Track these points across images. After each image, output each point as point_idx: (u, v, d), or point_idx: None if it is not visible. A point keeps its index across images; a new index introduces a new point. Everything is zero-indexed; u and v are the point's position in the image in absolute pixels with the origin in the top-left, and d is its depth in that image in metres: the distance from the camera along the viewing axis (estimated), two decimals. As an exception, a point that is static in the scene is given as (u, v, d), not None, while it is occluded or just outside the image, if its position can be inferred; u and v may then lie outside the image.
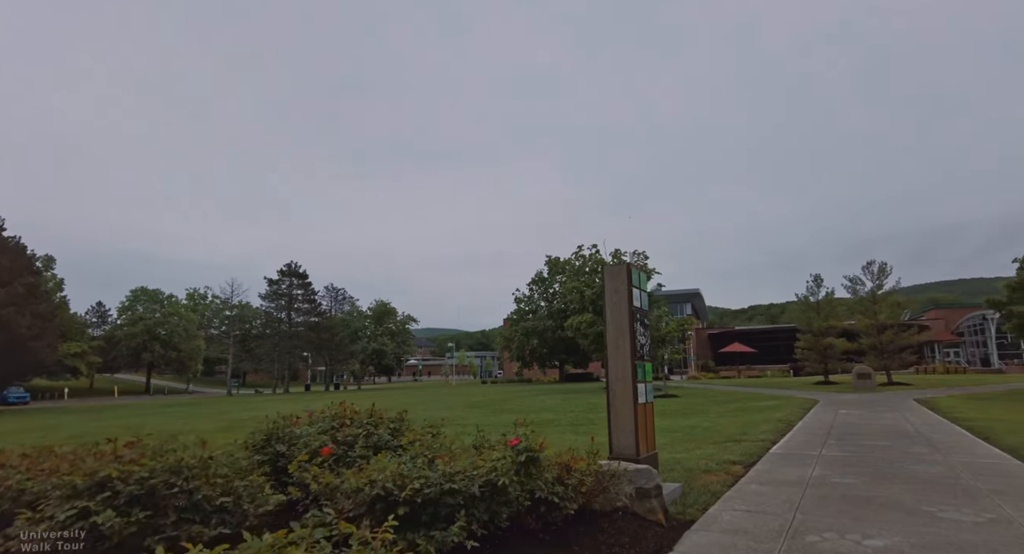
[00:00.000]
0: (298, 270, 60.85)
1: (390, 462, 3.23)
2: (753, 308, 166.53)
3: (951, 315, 62.99)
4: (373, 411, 5.15)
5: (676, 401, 24.04)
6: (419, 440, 3.95)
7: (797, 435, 11.11)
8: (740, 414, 17.03)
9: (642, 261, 39.70)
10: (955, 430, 11.12)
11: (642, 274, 6.62)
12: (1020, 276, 21.92)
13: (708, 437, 11.49)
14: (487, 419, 19.00)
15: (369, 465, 3.30)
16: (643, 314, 6.48)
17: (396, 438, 4.66)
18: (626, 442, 5.92)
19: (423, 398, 35.01)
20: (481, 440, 4.45)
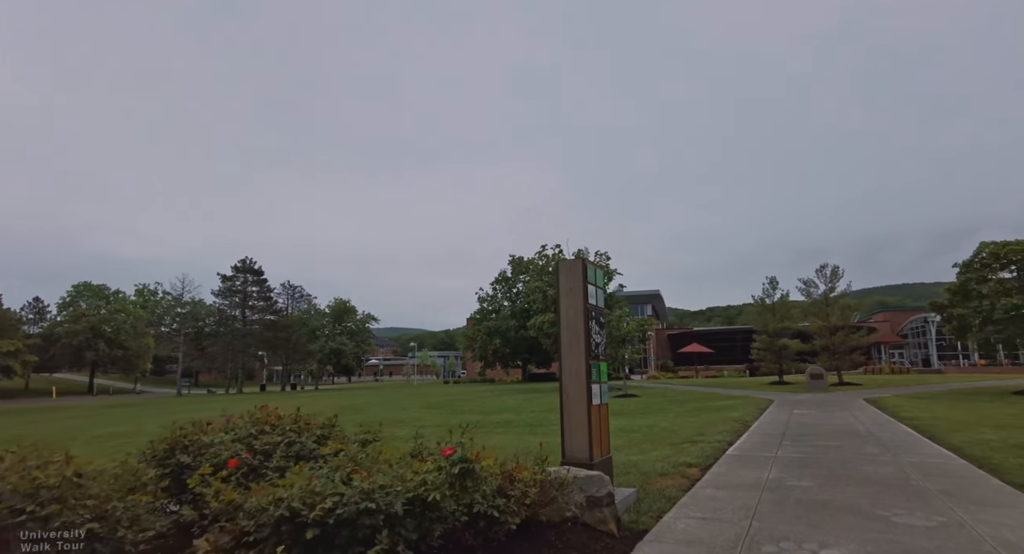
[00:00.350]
0: (253, 266, 58.79)
1: (300, 477, 2.83)
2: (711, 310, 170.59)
3: (896, 318, 65.76)
4: (299, 416, 4.68)
5: (636, 401, 24.11)
6: (343, 450, 3.52)
7: (753, 436, 11.10)
8: (698, 414, 17.10)
9: (604, 261, 39.90)
10: (903, 429, 11.33)
11: (598, 271, 6.35)
12: (960, 280, 22.83)
13: (666, 438, 11.38)
14: (444, 420, 18.56)
15: (281, 480, 2.88)
16: (599, 312, 6.21)
17: (324, 446, 4.22)
18: (579, 446, 5.63)
19: (380, 399, 34.21)
20: (420, 448, 4.07)
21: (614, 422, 16.10)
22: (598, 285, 6.29)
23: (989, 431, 10.77)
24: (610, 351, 29.53)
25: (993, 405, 16.98)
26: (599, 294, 6.30)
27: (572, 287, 5.92)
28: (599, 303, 6.27)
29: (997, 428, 11.21)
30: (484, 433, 14.45)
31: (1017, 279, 22.08)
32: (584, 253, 40.58)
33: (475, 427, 13.56)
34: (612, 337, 29.71)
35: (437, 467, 3.08)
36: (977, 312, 21.71)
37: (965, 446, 8.86)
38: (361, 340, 61.67)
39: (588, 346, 5.77)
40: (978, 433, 10.45)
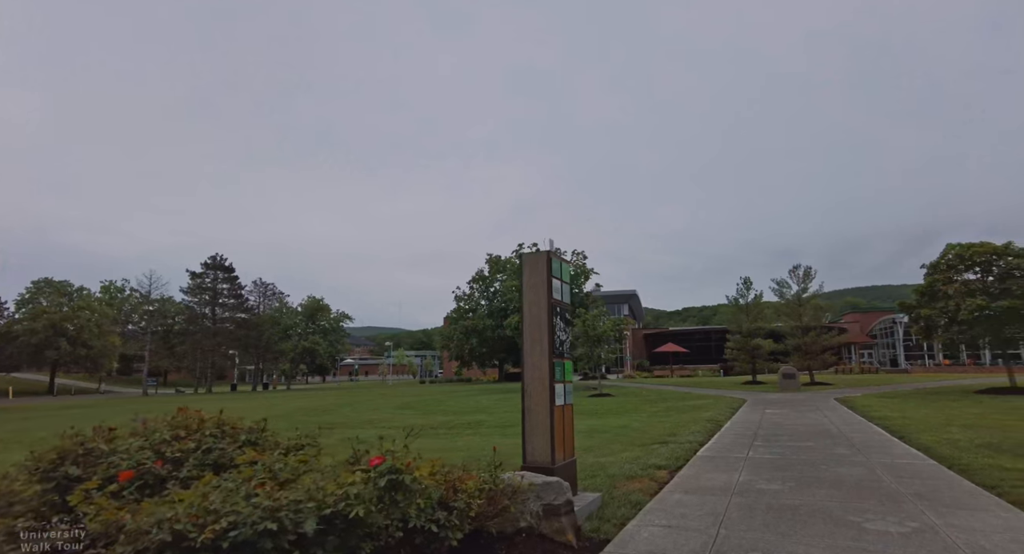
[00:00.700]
0: (223, 263, 57.28)
1: (195, 492, 2.43)
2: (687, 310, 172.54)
3: (866, 319, 67.15)
4: (223, 419, 4.25)
5: (610, 400, 23.97)
6: (262, 459, 3.10)
7: (725, 436, 10.94)
8: (671, 414, 16.98)
9: (581, 261, 39.89)
10: (873, 429, 11.28)
11: (565, 266, 6.04)
12: (927, 281, 23.18)
13: (637, 438, 11.16)
14: (414, 421, 18.12)
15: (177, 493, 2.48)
16: (565, 308, 5.90)
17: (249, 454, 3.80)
18: (541, 449, 5.30)
19: (353, 399, 33.52)
20: (358, 454, 3.68)
21: (586, 422, 15.92)
22: (564, 280, 5.97)
23: (957, 431, 10.78)
24: (585, 350, 29.38)
25: (958, 404, 17.20)
26: (565, 290, 5.98)
27: (536, 282, 5.59)
28: (565, 299, 5.96)
29: (964, 428, 11.24)
30: (453, 434, 14.12)
31: (981, 280, 22.50)
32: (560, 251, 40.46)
33: (446, 428, 13.20)
34: (588, 336, 29.56)
35: (365, 478, 2.72)
36: (943, 313, 22.05)
37: (934, 446, 8.80)
38: (335, 339, 60.56)
39: (552, 344, 5.45)
40: (946, 433, 10.45)
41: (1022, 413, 14.36)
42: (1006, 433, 10.30)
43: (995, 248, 21.73)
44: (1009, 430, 10.75)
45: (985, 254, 21.81)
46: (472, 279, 56.03)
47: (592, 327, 29.71)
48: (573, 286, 39.50)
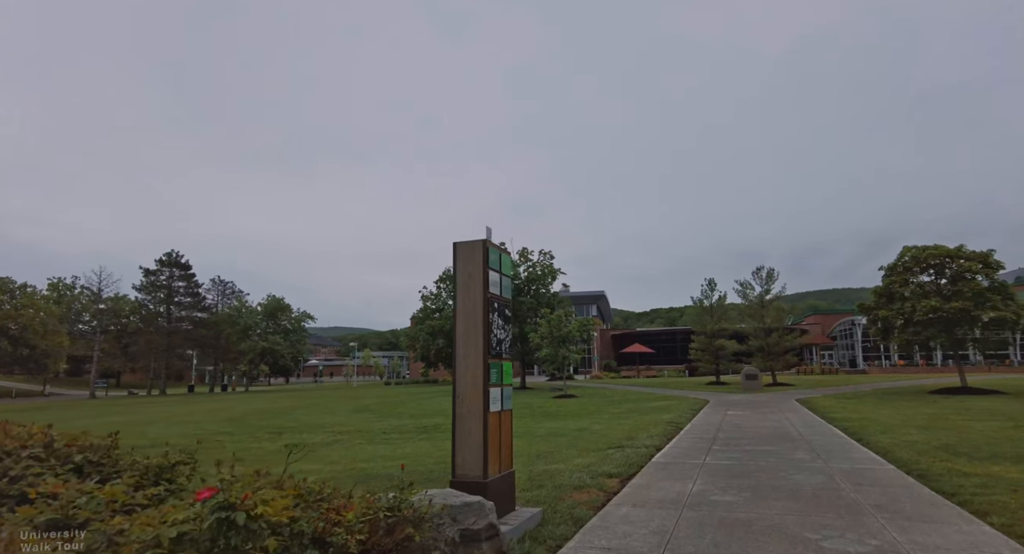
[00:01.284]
0: (179, 260, 54.96)
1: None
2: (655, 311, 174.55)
3: (827, 320, 68.77)
4: (50, 434, 3.55)
5: (574, 402, 23.61)
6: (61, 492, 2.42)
7: (683, 439, 10.58)
8: (632, 415, 16.66)
9: (548, 261, 39.48)
10: (833, 431, 11.09)
11: (505, 257, 5.49)
12: (885, 283, 23.53)
13: (594, 442, 10.72)
14: (367, 425, 17.36)
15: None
16: (503, 303, 5.35)
17: (86, 477, 3.12)
18: (472, 461, 4.74)
19: (311, 401, 32.39)
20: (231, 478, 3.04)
21: (547, 425, 15.46)
22: (504, 273, 5.43)
23: (914, 432, 10.67)
24: (551, 351, 28.98)
25: (914, 404, 17.36)
26: (505, 284, 5.44)
27: (470, 272, 5.03)
28: (505, 294, 5.42)
29: (921, 429, 11.16)
30: (405, 439, 13.45)
31: (935, 282, 22.94)
32: (529, 254, 40.07)
33: (399, 432, 12.41)
34: (553, 337, 29.18)
35: (195, 515, 2.10)
36: (900, 314, 22.39)
37: (893, 449, 8.58)
38: (296, 340, 58.80)
39: (487, 342, 4.90)
40: (904, 434, 10.31)
41: (973, 413, 14.49)
42: (960, 434, 10.22)
43: (948, 251, 22.15)
44: (963, 431, 10.70)
45: (939, 257, 22.22)
46: (439, 278, 55.10)
47: (558, 327, 29.35)
48: (541, 286, 39.11)
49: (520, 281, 38.97)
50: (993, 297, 21.16)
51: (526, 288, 38.92)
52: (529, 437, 12.17)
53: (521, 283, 38.87)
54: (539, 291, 39.29)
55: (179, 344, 55.04)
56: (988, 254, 21.86)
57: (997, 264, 21.70)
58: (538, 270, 39.02)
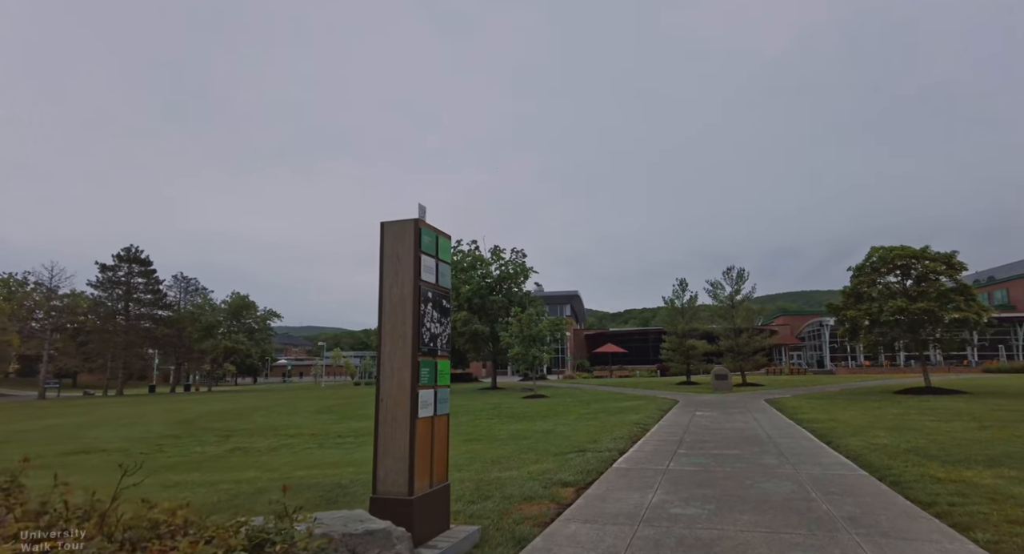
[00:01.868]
0: (139, 256, 52.75)
1: None
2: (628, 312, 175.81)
3: (795, 321, 69.82)
4: None
5: (543, 402, 23.09)
6: None
7: (648, 442, 10.09)
8: (600, 416, 16.19)
9: (520, 258, 38.90)
10: (802, 434, 10.74)
11: (443, 239, 4.85)
12: (853, 283, 23.59)
13: (557, 445, 10.15)
14: (326, 427, 16.53)
15: None
16: (440, 293, 4.72)
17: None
18: (395, 475, 4.09)
19: (273, 402, 31.21)
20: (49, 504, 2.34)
21: (511, 427, 14.84)
22: (442, 259, 4.79)
23: (883, 434, 10.38)
24: (521, 350, 28.42)
25: (880, 405, 17.28)
26: (444, 271, 4.80)
27: (399, 256, 4.38)
28: (443, 283, 4.78)
29: (889, 431, 10.89)
30: (360, 444, 12.66)
31: (900, 283, 23.08)
32: (501, 251, 39.41)
33: (355, 435, 11.58)
34: (524, 335, 28.63)
35: None
36: (867, 314, 22.45)
37: (863, 452, 8.21)
38: (261, 339, 57.06)
39: (418, 337, 4.26)
40: (873, 437, 10.00)
41: (938, 414, 14.39)
42: (929, 436, 9.96)
43: (914, 252, 22.28)
44: (931, 433, 10.45)
45: (905, 257, 22.34)
46: (411, 277, 54.24)
47: (528, 327, 28.81)
48: (513, 285, 38.49)
49: (492, 280, 38.32)
50: (956, 298, 21.34)
51: (498, 287, 38.29)
52: (490, 440, 11.56)
53: (493, 281, 38.23)
54: (511, 289, 38.69)
55: (138, 343, 52.85)
56: (951, 255, 22.06)
57: (960, 265, 21.91)
58: (510, 268, 38.40)
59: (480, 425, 14.94)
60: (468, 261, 38.09)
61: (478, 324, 35.38)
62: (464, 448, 10.46)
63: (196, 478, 8.69)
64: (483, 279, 37.37)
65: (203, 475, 9.00)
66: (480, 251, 39.04)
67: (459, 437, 12.31)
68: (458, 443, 11.25)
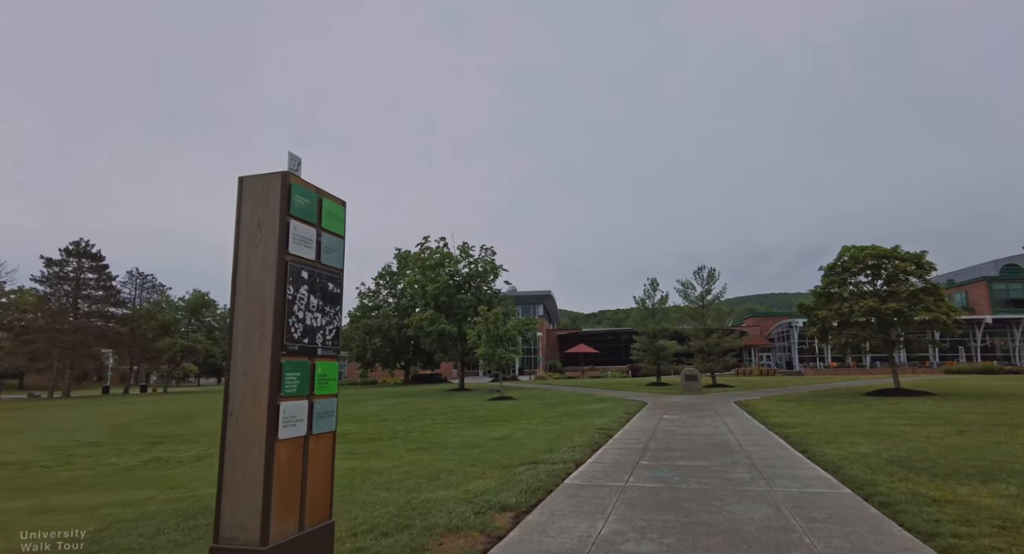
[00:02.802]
0: (89, 250, 49.95)
1: None
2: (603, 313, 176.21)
3: (765, 323, 70.36)
4: None
5: (508, 404, 22.10)
6: None
7: (610, 450, 9.16)
8: (564, 420, 15.26)
9: (490, 256, 37.80)
10: (774, 440, 9.94)
11: (330, 203, 3.75)
12: (824, 282, 23.22)
13: (509, 455, 9.15)
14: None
15: None
16: (323, 274, 3.63)
17: None
18: (245, 515, 3.01)
19: (211, 406, 29.51)
20: None
21: (466, 433, 13.72)
22: (328, 229, 3.70)
23: (860, 440, 9.65)
24: (487, 350, 27.37)
25: (851, 407, 16.76)
26: (328, 244, 3.71)
27: (260, 222, 3.29)
28: (328, 260, 3.70)
29: (866, 437, 10.19)
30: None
31: (871, 283, 22.77)
32: (469, 248, 38.27)
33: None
34: (490, 335, 27.57)
35: None
36: (838, 314, 22.07)
37: (843, 464, 7.40)
38: (222, 338, 54.67)
39: (281, 331, 3.18)
40: (850, 444, 9.25)
41: (912, 417, 13.86)
42: (909, 443, 9.26)
43: (885, 251, 21.98)
44: (910, 439, 9.77)
45: (876, 257, 22.02)
46: (378, 274, 52.62)
47: (495, 326, 27.77)
48: (482, 283, 37.41)
49: (460, 278, 37.16)
50: (926, 298, 21.09)
51: (466, 285, 37.17)
52: (438, 449, 10.49)
53: (461, 280, 37.08)
54: (480, 287, 37.59)
55: (88, 342, 50.08)
56: (921, 255, 21.82)
57: (929, 265, 21.67)
58: (479, 266, 37.28)
59: (434, 431, 13.86)
60: (436, 258, 36.82)
61: (445, 323, 34.17)
62: (406, 459, 9.37)
63: (82, 500, 7.41)
64: (451, 277, 36.17)
65: (93, 495, 7.72)
66: (449, 248, 37.84)
67: (406, 446, 11.22)
68: (402, 453, 10.17)
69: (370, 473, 8.24)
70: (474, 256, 37.47)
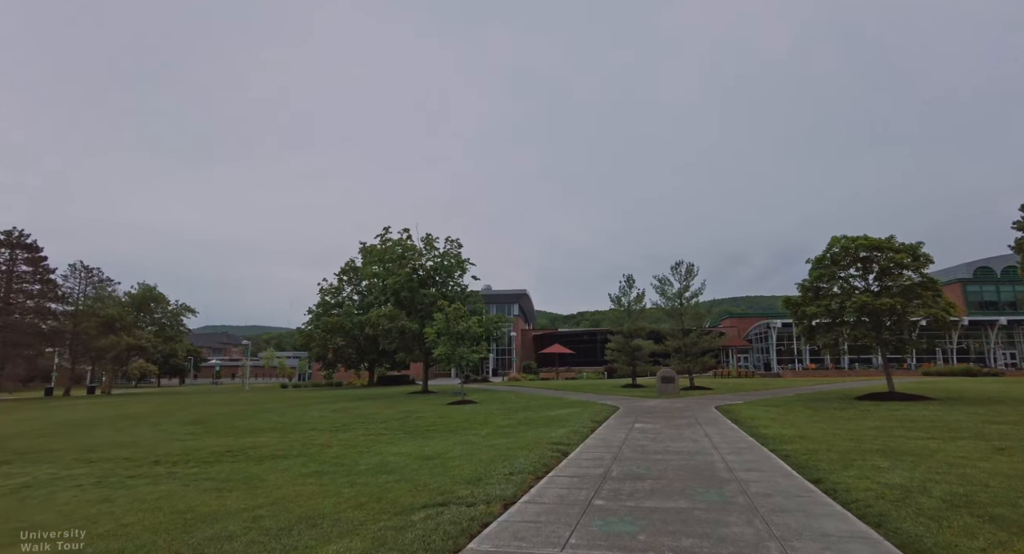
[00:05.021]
0: (24, 240, 46.03)
1: None
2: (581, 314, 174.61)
3: (742, 323, 69.07)
4: None
5: (466, 409, 19.67)
6: None
7: (557, 481, 6.79)
8: (518, 430, 12.89)
9: (456, 249, 35.29)
10: (774, 463, 7.68)
11: None
12: (813, 275, 21.30)
13: (420, 488, 6.73)
14: (170, 447, 12.45)
15: None
16: None
17: None
18: None
19: (153, 409, 26.50)
20: None
21: (395, 449, 10.74)
22: None
23: (883, 463, 7.45)
24: (446, 349, 24.88)
25: (848, 414, 14.73)
26: None
27: None
28: None
29: (888, 456, 8.01)
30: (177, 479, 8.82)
31: (863, 276, 20.90)
32: (434, 240, 35.66)
33: (194, 461, 7.40)
34: (450, 333, 25.09)
35: None
36: (828, 311, 20.13)
37: (884, 508, 5.14)
38: (172, 336, 51.13)
39: None
40: (874, 470, 7.03)
41: (924, 427, 11.82)
42: (951, 468, 7.08)
43: (878, 242, 20.10)
44: (946, 461, 7.61)
45: (868, 248, 20.14)
46: (341, 269, 49.56)
47: (455, 322, 25.29)
48: (448, 278, 34.85)
49: (424, 272, 34.55)
50: (924, 293, 19.25)
51: (430, 279, 34.55)
52: (340, 475, 8.01)
53: (425, 274, 34.46)
54: (446, 282, 35.05)
55: (21, 340, 46.11)
56: (917, 246, 19.97)
57: (926, 258, 19.82)
58: (445, 261, 34.71)
59: (356, 446, 11.35)
60: (398, 251, 34.08)
61: (406, 320, 31.49)
62: (281, 494, 6.87)
63: None
64: (414, 271, 33.50)
65: None
66: (412, 241, 35.18)
67: (304, 469, 8.71)
68: (286, 482, 7.66)
69: (209, 518, 5.75)
70: (439, 249, 34.95)
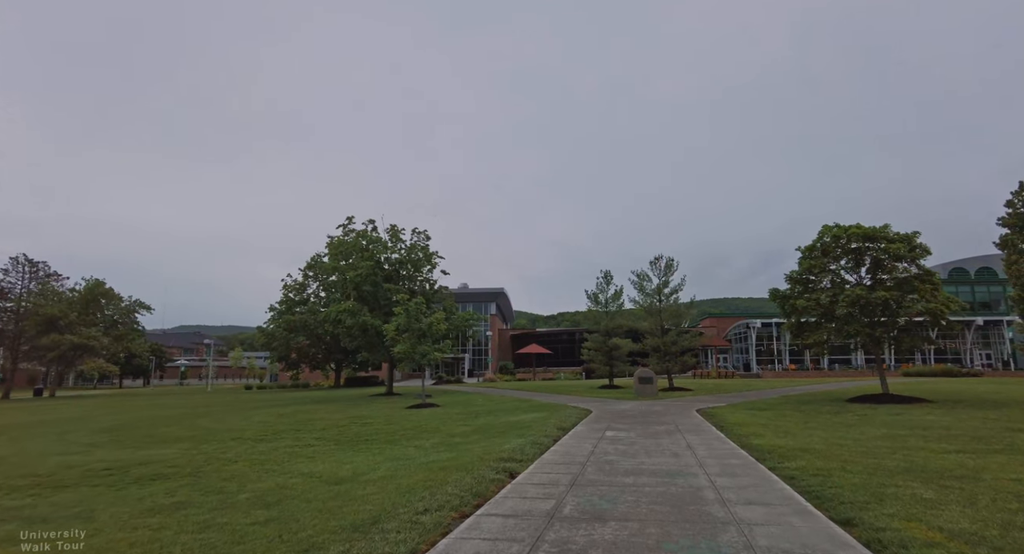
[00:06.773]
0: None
1: None
2: (561, 314, 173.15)
3: (722, 324, 68.02)
4: None
5: (422, 415, 17.63)
6: None
7: (485, 523, 4.82)
8: (469, 439, 10.93)
9: (423, 241, 33.16)
10: (780, 491, 5.81)
11: None
12: (803, 266, 19.72)
13: (290, 535, 4.73)
14: (45, 463, 10.19)
15: None
16: None
17: None
18: None
19: (84, 413, 23.93)
20: None
21: (314, 465, 8.37)
22: None
23: (927, 492, 5.65)
24: (406, 347, 22.78)
25: (846, 420, 13.07)
26: None
27: None
28: None
29: (926, 483, 6.22)
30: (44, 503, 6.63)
31: (855, 269, 19.40)
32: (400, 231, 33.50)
33: (88, 481, 5.12)
34: (412, 330, 23.01)
35: None
36: (818, 305, 18.57)
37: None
38: (123, 334, 47.93)
39: None
40: (918, 502, 5.22)
41: (940, 435, 10.18)
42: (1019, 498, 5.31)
43: (872, 231, 18.62)
44: (1010, 489, 5.86)
45: (861, 237, 18.64)
46: (307, 265, 46.87)
47: (417, 319, 23.21)
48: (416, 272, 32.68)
49: (390, 266, 32.33)
50: (922, 286, 17.78)
51: (396, 273, 32.34)
52: (199, 511, 5.95)
53: (390, 267, 32.23)
54: (414, 277, 32.87)
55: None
56: (913, 236, 18.52)
57: (924, 249, 18.38)
58: (412, 254, 32.52)
59: (269, 461, 9.25)
60: (361, 244, 31.77)
61: (368, 316, 29.19)
62: (95, 542, 4.80)
63: None
64: (378, 264, 31.23)
65: None
66: (378, 232, 32.91)
67: (177, 493, 6.66)
68: (129, 517, 5.61)
69: None
70: (406, 241, 32.77)
